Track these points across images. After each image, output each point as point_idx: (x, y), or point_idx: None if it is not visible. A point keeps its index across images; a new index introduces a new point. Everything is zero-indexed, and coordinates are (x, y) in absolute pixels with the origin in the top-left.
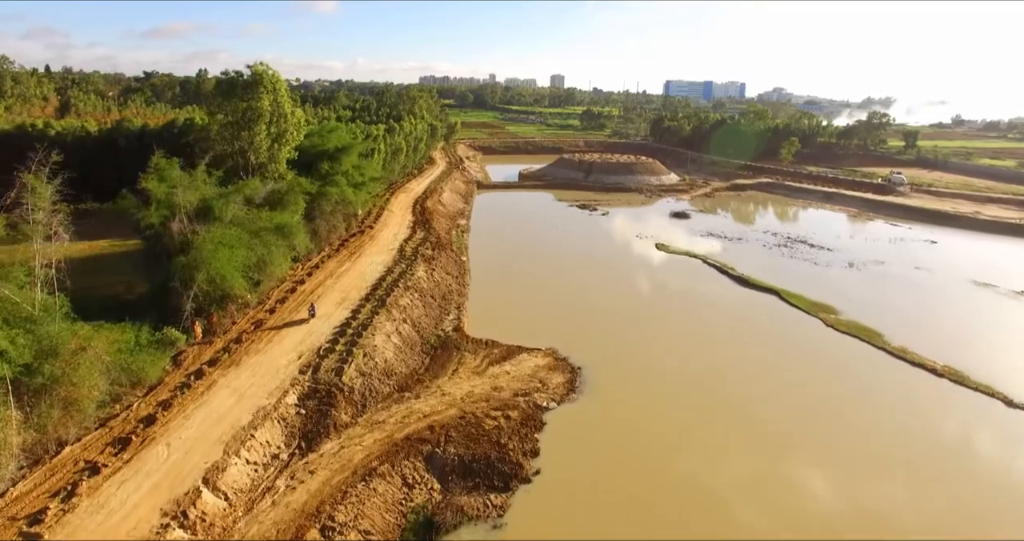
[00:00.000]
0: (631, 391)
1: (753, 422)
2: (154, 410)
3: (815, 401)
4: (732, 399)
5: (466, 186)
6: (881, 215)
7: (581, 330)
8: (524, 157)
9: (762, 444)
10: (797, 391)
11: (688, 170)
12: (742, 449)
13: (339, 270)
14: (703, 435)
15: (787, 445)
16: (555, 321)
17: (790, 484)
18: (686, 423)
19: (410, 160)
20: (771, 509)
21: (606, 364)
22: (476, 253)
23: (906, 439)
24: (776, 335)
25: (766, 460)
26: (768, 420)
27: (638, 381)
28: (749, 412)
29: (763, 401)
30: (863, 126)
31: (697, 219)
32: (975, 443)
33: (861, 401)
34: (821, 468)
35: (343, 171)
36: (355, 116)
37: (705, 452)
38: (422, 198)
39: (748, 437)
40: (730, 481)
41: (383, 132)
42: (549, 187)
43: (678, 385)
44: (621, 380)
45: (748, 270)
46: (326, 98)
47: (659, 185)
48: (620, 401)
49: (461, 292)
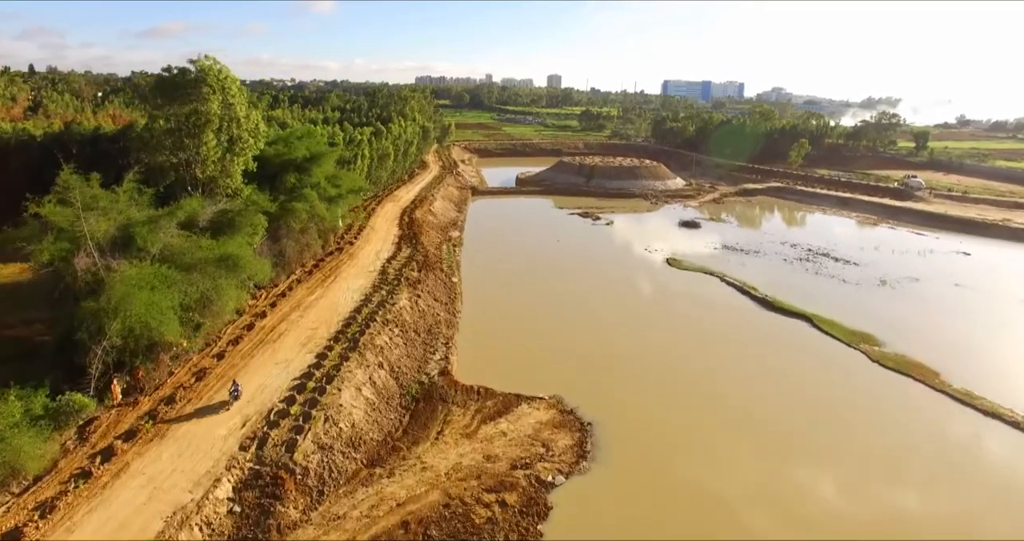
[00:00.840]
0: (655, 455)
1: (812, 502)
2: (25, 520)
3: (882, 465)
4: (777, 458)
5: (460, 192)
6: (903, 223)
7: (589, 371)
8: (521, 160)
9: (829, 531)
10: (859, 452)
11: (693, 173)
12: (802, 530)
13: (308, 299)
14: (746, 513)
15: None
16: (558, 359)
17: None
18: (722, 499)
19: (400, 165)
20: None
21: (621, 416)
22: (469, 271)
23: None
24: (816, 374)
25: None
26: (831, 500)
27: (662, 440)
28: (803, 482)
29: (819, 467)
30: (872, 127)
31: (708, 228)
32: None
33: (942, 466)
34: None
35: (314, 183)
36: (343, 118)
37: (752, 532)
38: (411, 208)
39: (807, 521)
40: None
41: (369, 136)
42: (548, 193)
43: (712, 445)
44: (641, 439)
45: (771, 289)
46: (316, 99)
47: (664, 190)
48: (642, 470)
49: (451, 322)
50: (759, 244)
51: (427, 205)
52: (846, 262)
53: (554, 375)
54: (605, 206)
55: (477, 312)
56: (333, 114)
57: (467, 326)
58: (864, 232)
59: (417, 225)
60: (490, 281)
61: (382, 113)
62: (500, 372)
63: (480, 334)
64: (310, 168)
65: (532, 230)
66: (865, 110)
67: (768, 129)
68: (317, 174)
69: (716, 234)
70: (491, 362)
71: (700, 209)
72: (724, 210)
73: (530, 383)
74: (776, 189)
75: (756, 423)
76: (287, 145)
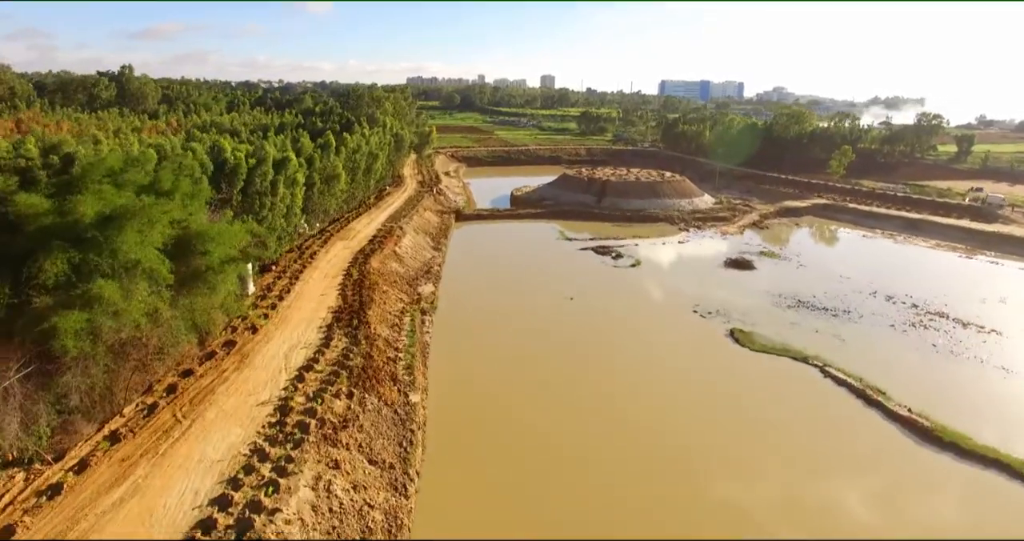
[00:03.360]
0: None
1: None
2: None
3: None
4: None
5: (440, 218)
6: (1004, 253)
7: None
8: (516, 169)
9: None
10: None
11: (717, 186)
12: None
13: (99, 505)
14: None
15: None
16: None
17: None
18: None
19: (361, 187)
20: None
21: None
22: (443, 369)
23: None
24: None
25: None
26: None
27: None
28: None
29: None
30: (910, 130)
31: (765, 269)
32: None
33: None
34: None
35: (127, 263)
36: (304, 124)
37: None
38: (367, 251)
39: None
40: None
41: (313, 151)
42: (551, 216)
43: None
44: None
45: (906, 391)
46: (288, 101)
47: (692, 211)
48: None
49: (396, 517)
50: (844, 297)
51: (391, 244)
52: (979, 328)
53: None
54: (624, 234)
55: (451, 463)
56: (292, 119)
57: (434, 516)
58: (966, 271)
59: (369, 286)
60: (473, 384)
61: (345, 119)
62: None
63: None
64: (112, 236)
65: (534, 278)
66: (890, 110)
67: (796, 133)
68: (127, 245)
69: (779, 279)
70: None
71: (740, 235)
72: (771, 238)
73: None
74: (823, 207)
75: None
76: (67, 193)
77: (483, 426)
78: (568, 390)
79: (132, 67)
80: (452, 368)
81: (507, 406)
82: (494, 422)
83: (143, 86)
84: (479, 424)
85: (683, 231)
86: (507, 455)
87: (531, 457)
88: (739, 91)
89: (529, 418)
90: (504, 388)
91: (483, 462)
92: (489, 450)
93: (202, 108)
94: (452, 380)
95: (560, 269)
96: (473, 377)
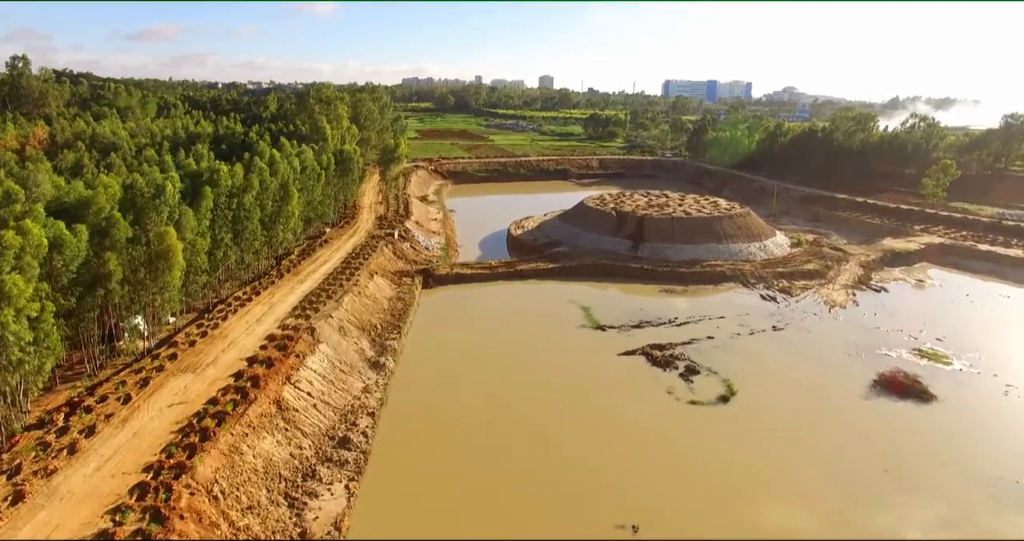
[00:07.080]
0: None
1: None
2: None
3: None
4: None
5: (396, 288)
6: None
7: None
8: (515, 186)
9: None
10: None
11: (775, 214)
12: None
13: None
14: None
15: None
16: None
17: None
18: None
19: (256, 243)
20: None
21: None
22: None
23: None
24: None
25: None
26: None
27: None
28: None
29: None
30: (996, 135)
31: (948, 397)
32: None
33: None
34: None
35: None
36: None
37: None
38: (203, 426)
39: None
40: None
41: (169, 196)
42: (567, 274)
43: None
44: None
45: None
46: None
47: (767, 260)
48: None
49: None
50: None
51: (276, 383)
52: None
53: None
54: (679, 308)
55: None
56: (237, 127)
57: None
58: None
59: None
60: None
61: (278, 128)
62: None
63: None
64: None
65: (548, 440)
66: (940, 110)
67: (860, 142)
68: None
69: (990, 430)
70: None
71: (852, 304)
72: (904, 311)
73: None
74: (940, 250)
75: None
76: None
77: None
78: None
79: (28, 60)
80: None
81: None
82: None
83: (42, 84)
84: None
85: (767, 300)
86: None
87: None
88: (747, 91)
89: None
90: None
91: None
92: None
93: (115, 113)
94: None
95: (593, 409)
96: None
